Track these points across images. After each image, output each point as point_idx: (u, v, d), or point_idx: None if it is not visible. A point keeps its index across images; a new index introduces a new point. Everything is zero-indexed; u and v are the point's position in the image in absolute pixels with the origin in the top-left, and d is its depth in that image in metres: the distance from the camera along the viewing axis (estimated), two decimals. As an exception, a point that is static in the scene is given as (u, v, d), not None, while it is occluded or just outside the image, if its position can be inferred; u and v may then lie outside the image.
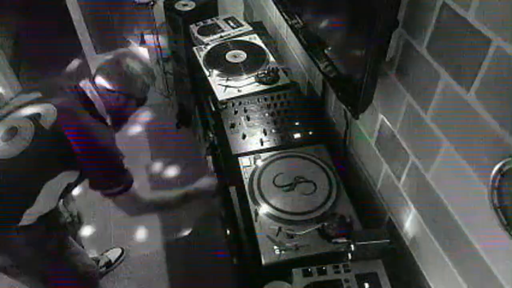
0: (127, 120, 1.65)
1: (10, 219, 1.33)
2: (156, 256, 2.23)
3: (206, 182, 1.70)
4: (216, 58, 1.86)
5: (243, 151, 1.43)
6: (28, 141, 1.30)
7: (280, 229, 1.15)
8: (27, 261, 1.44)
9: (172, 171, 2.69)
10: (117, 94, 1.50)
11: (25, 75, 3.40)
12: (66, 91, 1.47)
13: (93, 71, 1.57)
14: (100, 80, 1.50)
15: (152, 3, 2.65)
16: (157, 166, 2.73)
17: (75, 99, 1.45)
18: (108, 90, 1.49)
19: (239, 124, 1.52)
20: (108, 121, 1.52)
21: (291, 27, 1.39)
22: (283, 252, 1.10)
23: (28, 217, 1.33)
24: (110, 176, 1.43)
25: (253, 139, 1.46)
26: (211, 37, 2.02)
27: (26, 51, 3.55)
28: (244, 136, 1.47)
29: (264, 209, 1.21)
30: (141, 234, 2.37)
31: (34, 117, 1.34)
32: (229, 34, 2.05)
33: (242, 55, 1.86)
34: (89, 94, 1.47)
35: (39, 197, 1.32)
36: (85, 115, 1.41)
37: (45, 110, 1.35)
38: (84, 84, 1.51)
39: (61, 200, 1.54)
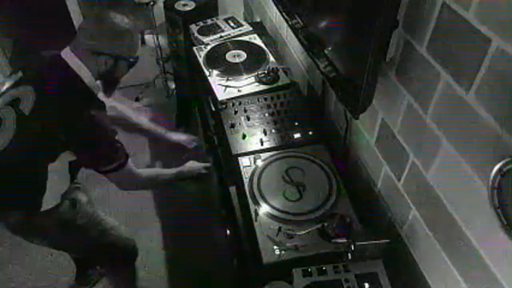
0: (118, 84, 1.48)
1: (29, 208, 1.34)
2: (156, 256, 2.23)
3: (196, 164, 1.68)
4: (216, 58, 1.85)
5: (243, 151, 1.43)
6: (12, 131, 1.25)
7: (280, 229, 1.15)
8: (62, 240, 1.47)
9: (172, 171, 2.69)
10: (104, 57, 1.33)
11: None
12: (48, 66, 1.34)
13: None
14: (83, 44, 1.32)
15: (152, 3, 2.65)
16: (156, 166, 2.73)
17: (57, 74, 1.32)
18: (93, 54, 1.31)
19: (239, 124, 1.52)
20: (99, 92, 1.39)
21: (291, 27, 1.39)
22: (283, 252, 1.10)
23: (51, 201, 1.34)
24: (101, 155, 1.35)
25: (253, 139, 1.46)
26: (211, 37, 2.02)
27: (26, 51, 3.54)
28: (244, 136, 1.47)
29: (264, 209, 1.21)
30: (141, 234, 2.37)
31: (14, 103, 1.26)
32: (229, 34, 2.05)
33: (242, 55, 1.86)
34: (72, 65, 1.31)
35: (49, 182, 1.30)
36: (67, 93, 1.29)
37: (23, 93, 1.27)
38: (66, 54, 1.33)
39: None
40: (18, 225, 1.39)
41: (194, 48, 1.95)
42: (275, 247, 1.11)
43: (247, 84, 1.70)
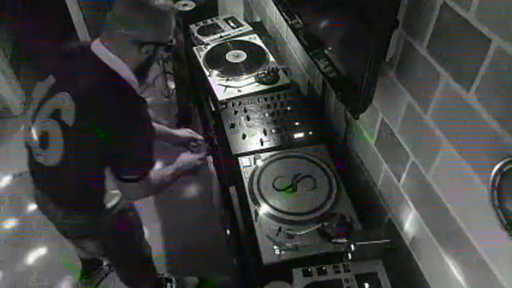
0: (150, 71, 1.31)
1: (95, 209, 1.36)
2: (156, 257, 2.23)
3: (191, 156, 1.59)
4: (216, 58, 1.86)
5: (243, 151, 1.43)
6: (61, 146, 1.17)
7: (280, 229, 1.15)
8: (113, 244, 1.48)
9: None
10: (145, 47, 1.17)
11: (25, 75, 3.40)
12: (78, 66, 1.21)
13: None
14: (121, 35, 1.14)
15: (152, 3, 2.64)
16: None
17: (90, 73, 1.18)
18: (135, 44, 1.15)
19: (239, 124, 1.52)
20: (136, 87, 1.23)
21: (291, 27, 1.39)
22: (283, 252, 1.10)
23: (110, 198, 1.36)
24: (136, 164, 1.26)
25: (253, 139, 1.46)
26: (211, 37, 2.02)
27: (26, 51, 3.55)
28: (244, 136, 1.47)
29: (264, 209, 1.21)
30: (141, 234, 2.36)
31: (56, 115, 1.17)
32: (229, 34, 2.05)
33: (242, 55, 1.86)
34: (106, 61, 1.16)
35: (108, 180, 1.29)
36: (106, 93, 1.16)
37: (62, 103, 1.16)
38: (97, 47, 1.18)
39: None
40: (82, 226, 1.39)
41: (194, 48, 1.95)
42: (275, 247, 1.11)
43: (247, 84, 1.70)
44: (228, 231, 1.54)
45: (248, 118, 1.54)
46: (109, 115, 1.15)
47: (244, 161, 1.37)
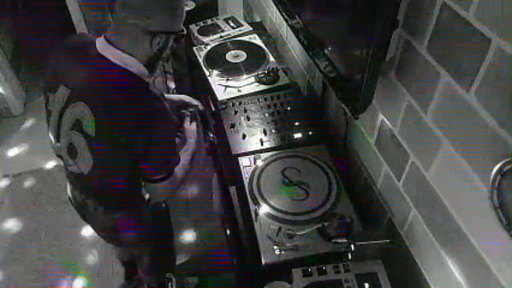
0: (159, 63, 1.25)
1: (135, 202, 1.37)
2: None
3: (193, 126, 1.51)
4: (216, 58, 1.86)
5: (243, 151, 1.43)
6: (89, 155, 1.16)
7: (280, 229, 1.15)
8: (151, 234, 1.50)
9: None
10: (156, 37, 1.09)
11: (25, 75, 3.41)
12: (91, 72, 1.14)
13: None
14: (133, 25, 1.06)
15: (152, 3, 2.64)
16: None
17: (99, 75, 1.13)
18: (144, 34, 1.08)
19: (239, 124, 1.52)
20: (149, 79, 1.19)
21: (291, 27, 1.39)
22: (283, 252, 1.10)
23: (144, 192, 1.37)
24: (162, 162, 1.22)
25: (253, 139, 1.46)
26: (211, 37, 2.02)
27: (26, 51, 3.55)
28: (244, 136, 1.47)
29: (264, 209, 1.21)
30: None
31: (78, 126, 1.14)
32: (229, 34, 2.05)
33: (242, 55, 1.86)
34: (114, 60, 1.10)
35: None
36: (121, 100, 1.11)
37: (81, 113, 1.12)
38: (103, 46, 1.11)
39: None
40: (121, 220, 1.39)
41: (194, 48, 1.95)
42: (275, 247, 1.11)
43: (247, 84, 1.70)
44: (228, 231, 1.54)
45: (248, 118, 1.54)
46: (128, 118, 1.11)
47: (244, 161, 1.37)
